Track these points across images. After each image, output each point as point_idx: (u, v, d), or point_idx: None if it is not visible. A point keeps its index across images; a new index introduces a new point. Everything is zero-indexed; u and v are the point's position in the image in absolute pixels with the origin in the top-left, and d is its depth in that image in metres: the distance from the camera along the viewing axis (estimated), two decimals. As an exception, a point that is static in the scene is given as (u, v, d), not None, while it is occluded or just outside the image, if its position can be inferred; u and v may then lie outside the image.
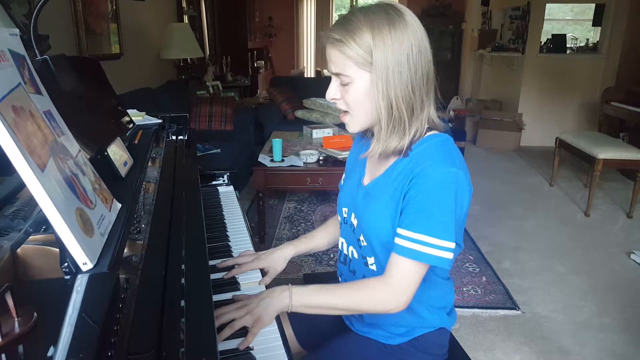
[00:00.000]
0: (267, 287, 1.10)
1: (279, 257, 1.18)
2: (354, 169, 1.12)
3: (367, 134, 1.06)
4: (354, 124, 0.97)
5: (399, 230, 0.91)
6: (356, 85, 0.90)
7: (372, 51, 0.86)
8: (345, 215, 1.10)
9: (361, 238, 1.03)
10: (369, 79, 0.89)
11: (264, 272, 1.16)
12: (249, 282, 1.10)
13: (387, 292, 0.91)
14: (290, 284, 0.96)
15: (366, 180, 1.05)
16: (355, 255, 1.07)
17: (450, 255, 0.89)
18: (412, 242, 0.88)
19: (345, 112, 0.97)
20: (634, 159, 3.34)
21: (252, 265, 1.15)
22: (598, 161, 3.34)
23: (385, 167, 0.99)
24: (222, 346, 0.85)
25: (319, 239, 1.26)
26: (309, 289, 0.95)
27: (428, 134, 0.96)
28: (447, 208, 0.88)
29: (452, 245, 0.89)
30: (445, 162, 0.89)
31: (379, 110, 0.90)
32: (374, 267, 1.03)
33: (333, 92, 0.95)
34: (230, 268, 1.14)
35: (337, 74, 0.92)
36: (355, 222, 1.05)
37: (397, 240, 0.91)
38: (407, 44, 0.87)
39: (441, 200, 0.88)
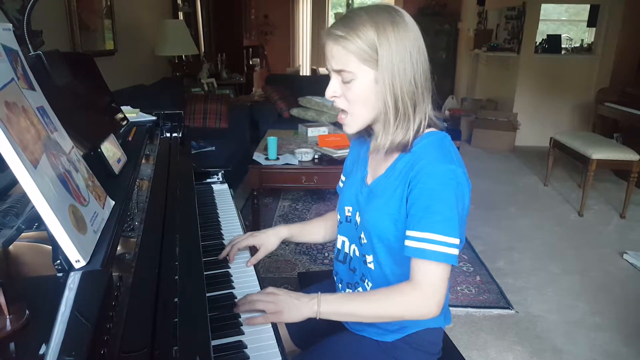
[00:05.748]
0: (255, 267, 1.15)
1: (272, 236, 1.21)
2: (356, 167, 1.13)
3: (362, 135, 1.08)
4: (353, 124, 0.98)
5: (408, 232, 0.92)
6: (359, 82, 0.92)
7: (377, 48, 0.88)
8: (348, 214, 1.10)
9: (362, 235, 1.04)
10: (372, 75, 0.91)
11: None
12: (240, 261, 1.16)
13: (416, 296, 0.90)
14: (319, 292, 0.95)
15: (369, 179, 1.06)
16: (357, 253, 1.08)
17: (455, 252, 0.89)
18: (420, 241, 0.89)
19: (343, 112, 0.98)
20: (628, 160, 3.36)
21: (244, 242, 1.18)
22: (592, 161, 3.36)
23: (386, 165, 1.00)
24: (216, 344, 0.85)
25: (315, 230, 1.27)
26: (338, 297, 0.96)
27: (427, 130, 0.97)
28: (449, 204, 0.89)
29: (457, 241, 0.89)
30: (442, 159, 0.91)
31: (386, 105, 0.92)
32: (371, 266, 1.03)
33: (333, 89, 0.96)
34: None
35: (338, 71, 0.93)
36: (359, 220, 1.06)
37: (407, 242, 0.91)
38: (409, 42, 0.90)
39: (442, 197, 0.89)
